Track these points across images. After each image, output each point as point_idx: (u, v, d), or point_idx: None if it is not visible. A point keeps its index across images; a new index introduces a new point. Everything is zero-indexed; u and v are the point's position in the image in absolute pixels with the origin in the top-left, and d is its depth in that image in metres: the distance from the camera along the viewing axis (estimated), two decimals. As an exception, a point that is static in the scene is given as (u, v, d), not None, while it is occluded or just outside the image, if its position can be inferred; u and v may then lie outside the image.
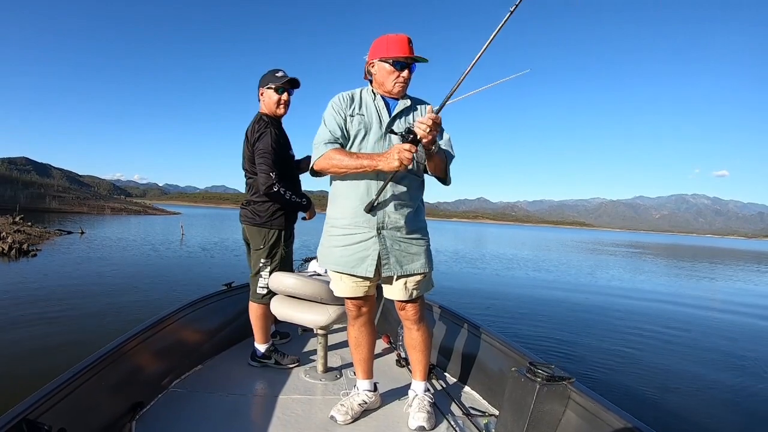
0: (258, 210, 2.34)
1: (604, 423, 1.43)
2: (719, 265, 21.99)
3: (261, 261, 2.37)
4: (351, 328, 1.96)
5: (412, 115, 1.81)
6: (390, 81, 1.75)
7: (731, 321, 7.26)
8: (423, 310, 1.91)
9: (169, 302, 2.38)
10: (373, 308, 1.96)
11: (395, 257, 1.75)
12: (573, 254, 23.24)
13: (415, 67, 1.76)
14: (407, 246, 1.77)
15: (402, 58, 1.70)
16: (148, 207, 70.42)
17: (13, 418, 1.19)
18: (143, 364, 2.00)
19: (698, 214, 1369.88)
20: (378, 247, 1.73)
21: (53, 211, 47.06)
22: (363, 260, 1.74)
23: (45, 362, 3.76)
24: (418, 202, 1.83)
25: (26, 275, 8.19)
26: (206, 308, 2.72)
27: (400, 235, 1.76)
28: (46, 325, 4.84)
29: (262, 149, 2.21)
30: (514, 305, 7.49)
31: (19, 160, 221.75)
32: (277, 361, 2.47)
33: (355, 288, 1.81)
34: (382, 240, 1.74)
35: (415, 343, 1.94)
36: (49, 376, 1.47)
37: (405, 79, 1.75)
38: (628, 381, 4.03)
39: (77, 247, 13.30)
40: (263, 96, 2.37)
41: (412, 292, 1.80)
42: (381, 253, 1.74)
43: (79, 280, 7.82)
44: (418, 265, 1.78)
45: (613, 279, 12.55)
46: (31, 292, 6.56)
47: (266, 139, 2.23)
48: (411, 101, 1.83)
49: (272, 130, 2.27)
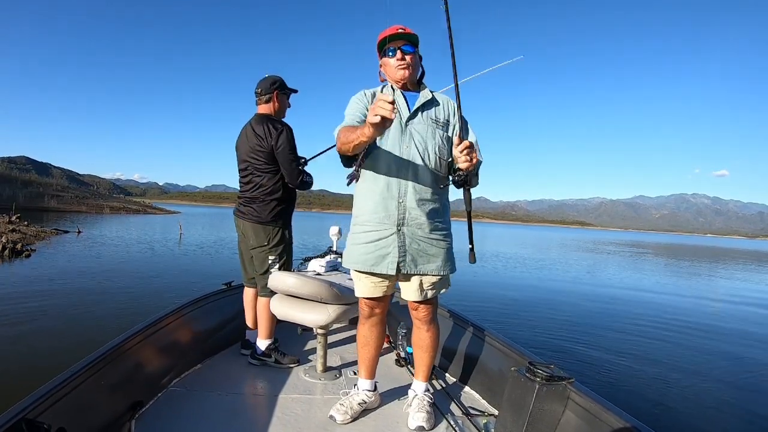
0: (264, 208, 2.39)
1: (604, 423, 1.43)
2: (720, 265, 22.00)
3: (270, 258, 2.41)
4: (361, 326, 1.94)
5: (434, 110, 1.77)
6: (392, 70, 1.75)
7: (732, 321, 7.26)
8: (435, 312, 1.89)
9: (163, 305, 2.39)
10: (386, 308, 1.93)
11: (411, 255, 1.72)
12: (573, 254, 23.26)
13: (411, 48, 1.73)
14: (426, 246, 1.73)
15: (387, 40, 1.70)
16: (147, 206, 70.40)
17: (13, 417, 1.19)
18: (143, 363, 2.00)
19: (698, 213, 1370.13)
20: (398, 244, 1.70)
21: (52, 210, 47.09)
22: (384, 258, 1.70)
23: (26, 367, 3.71)
24: (443, 201, 1.78)
25: (17, 276, 8.08)
26: (206, 307, 2.72)
27: (420, 233, 1.71)
28: (27, 329, 4.71)
29: (287, 145, 2.35)
30: (514, 305, 7.49)
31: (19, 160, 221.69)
32: (277, 360, 2.48)
33: (373, 288, 1.79)
34: (401, 237, 1.70)
35: (423, 343, 1.93)
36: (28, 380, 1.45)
37: (403, 62, 1.72)
38: (627, 381, 4.03)
39: (72, 247, 13.22)
40: (278, 99, 2.48)
41: (426, 293, 1.78)
42: (399, 252, 1.70)
43: (70, 281, 7.67)
44: (434, 266, 1.74)
45: (613, 279, 12.56)
46: (19, 294, 6.41)
47: (288, 134, 2.38)
48: (432, 94, 1.79)
49: (289, 128, 2.42)
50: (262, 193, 2.39)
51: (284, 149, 2.34)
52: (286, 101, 2.54)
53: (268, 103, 2.46)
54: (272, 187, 2.39)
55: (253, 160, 2.39)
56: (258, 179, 2.40)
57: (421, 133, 1.72)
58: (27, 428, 1.19)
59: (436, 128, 1.74)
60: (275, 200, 2.39)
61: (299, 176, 2.39)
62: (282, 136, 2.35)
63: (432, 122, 1.74)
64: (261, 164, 2.38)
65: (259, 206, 2.39)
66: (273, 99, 2.46)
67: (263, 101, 2.47)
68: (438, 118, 1.76)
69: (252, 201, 2.41)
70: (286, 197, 2.45)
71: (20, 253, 10.65)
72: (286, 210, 2.46)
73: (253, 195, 2.41)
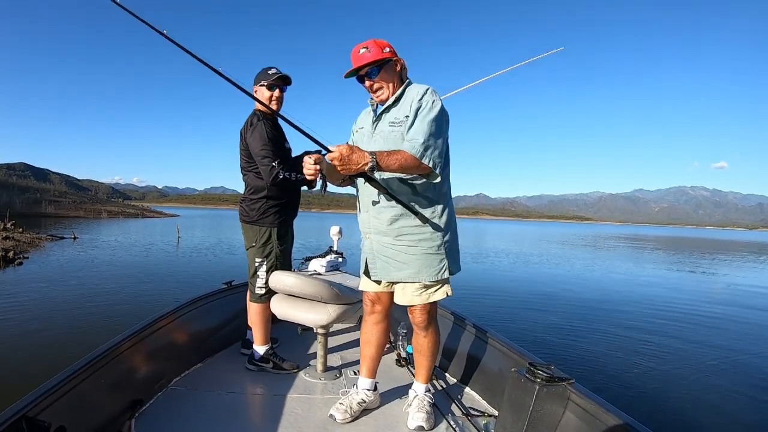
0: (250, 207, 2.35)
1: (604, 424, 1.42)
2: (720, 258, 22.00)
3: (256, 260, 2.37)
4: (364, 324, 2.00)
5: (395, 110, 1.72)
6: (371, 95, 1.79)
7: (733, 320, 7.14)
8: (430, 317, 1.86)
9: (158, 310, 2.39)
10: (388, 308, 1.95)
11: (382, 262, 1.77)
12: (572, 250, 23.26)
13: (375, 72, 1.69)
14: (395, 253, 1.73)
15: (352, 74, 1.74)
16: (145, 210, 70.38)
17: (13, 415, 1.19)
18: (143, 362, 2.00)
19: (698, 206, 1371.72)
20: (367, 250, 1.83)
21: (49, 216, 47.01)
22: (364, 261, 1.86)
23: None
24: (413, 206, 1.65)
25: (5, 285, 7.97)
26: (206, 306, 2.72)
27: (388, 241, 1.73)
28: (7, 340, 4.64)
29: (258, 140, 2.21)
30: (514, 304, 7.49)
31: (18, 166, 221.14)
32: (276, 365, 2.44)
33: (367, 283, 1.91)
34: (370, 243, 1.80)
35: (421, 348, 1.93)
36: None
37: (373, 88, 1.74)
38: (628, 382, 4.02)
39: (67, 253, 13.09)
40: (257, 94, 2.36)
41: (411, 298, 1.78)
42: (368, 258, 1.82)
43: (60, 289, 7.57)
44: (406, 274, 1.72)
45: (613, 276, 12.54)
46: (4, 303, 6.31)
47: (260, 129, 2.24)
48: (405, 91, 1.74)
49: (265, 122, 2.28)
50: (248, 193, 2.37)
51: (253, 145, 2.22)
52: (266, 92, 2.30)
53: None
54: (255, 185, 2.33)
55: (240, 159, 2.38)
56: (245, 178, 2.38)
57: (383, 138, 1.72)
58: (27, 426, 1.19)
59: (393, 128, 1.69)
60: (261, 199, 2.31)
61: (272, 173, 2.18)
62: (255, 130, 2.24)
63: (390, 124, 1.71)
64: (244, 162, 2.35)
65: (248, 205, 2.37)
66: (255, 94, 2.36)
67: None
68: (397, 117, 1.70)
69: (243, 200, 2.41)
70: (277, 195, 2.34)
71: (12, 261, 10.50)
72: (277, 209, 2.34)
73: (243, 195, 2.41)
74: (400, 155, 1.52)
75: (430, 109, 1.62)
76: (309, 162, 1.58)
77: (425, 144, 1.55)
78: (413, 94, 1.69)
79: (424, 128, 1.58)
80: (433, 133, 1.59)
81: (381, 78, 1.71)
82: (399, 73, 1.76)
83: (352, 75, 1.73)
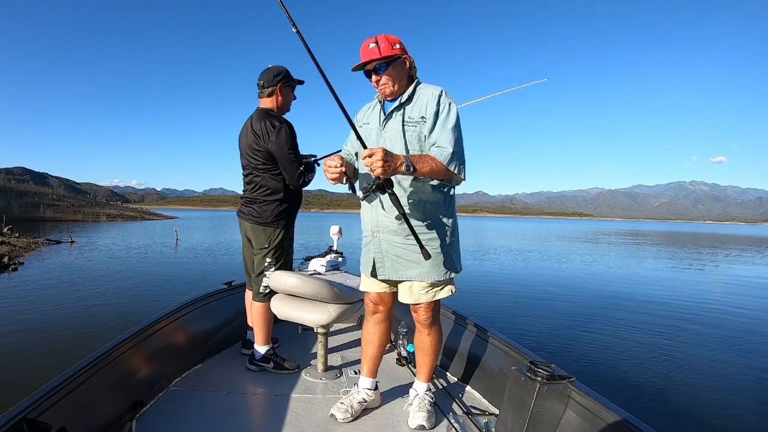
0: (264, 209, 2.30)
1: (604, 422, 1.42)
2: (721, 253, 22.01)
3: (266, 261, 2.34)
4: (366, 324, 1.99)
5: (409, 108, 1.72)
6: (376, 88, 1.78)
7: (734, 317, 7.09)
8: (435, 315, 1.87)
9: (155, 312, 2.39)
10: (390, 308, 1.95)
11: (391, 261, 1.76)
12: (572, 246, 23.28)
13: (383, 67, 1.68)
14: (406, 252, 1.73)
15: (359, 68, 1.71)
16: (144, 212, 70.33)
17: (14, 417, 1.18)
18: (143, 362, 1.99)
19: (697, 201, 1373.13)
20: (374, 249, 1.79)
21: (47, 220, 46.91)
22: (368, 261, 1.84)
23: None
24: (429, 204, 1.71)
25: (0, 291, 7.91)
26: (206, 307, 2.71)
27: (398, 240, 1.73)
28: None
29: (286, 143, 2.20)
30: (514, 302, 7.50)
31: (16, 170, 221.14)
32: (277, 365, 2.43)
33: (369, 284, 1.90)
34: (378, 243, 1.78)
35: (424, 347, 1.93)
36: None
37: (379, 84, 1.72)
38: (629, 380, 4.01)
39: (64, 258, 13.01)
40: (282, 93, 2.32)
41: (418, 297, 1.77)
42: (376, 257, 1.80)
43: (57, 296, 7.47)
44: (416, 273, 1.73)
45: (613, 272, 12.55)
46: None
47: (287, 132, 2.22)
48: (416, 90, 1.74)
49: (289, 125, 2.27)
50: (263, 194, 2.30)
51: (282, 148, 2.19)
52: (291, 94, 2.37)
53: (271, 96, 2.31)
54: (272, 187, 2.28)
55: (253, 160, 2.29)
56: (258, 179, 2.31)
57: (393, 136, 1.71)
58: (28, 428, 1.19)
59: (407, 127, 1.69)
60: (276, 201, 2.28)
61: (300, 177, 2.24)
62: (280, 134, 2.19)
63: (403, 122, 1.70)
64: (259, 164, 2.26)
65: (260, 207, 2.31)
66: (276, 92, 2.30)
67: (266, 95, 2.32)
68: (412, 117, 1.69)
69: (252, 201, 2.33)
70: (289, 197, 2.33)
71: (6, 267, 10.37)
72: (289, 210, 2.35)
73: (254, 195, 2.33)
74: (432, 161, 1.57)
75: (450, 114, 1.66)
76: (332, 165, 1.59)
77: (453, 152, 1.60)
78: (428, 95, 1.70)
79: (449, 136, 1.62)
80: (458, 140, 1.64)
81: (389, 74, 1.70)
82: (408, 70, 1.75)
83: (360, 69, 1.71)
